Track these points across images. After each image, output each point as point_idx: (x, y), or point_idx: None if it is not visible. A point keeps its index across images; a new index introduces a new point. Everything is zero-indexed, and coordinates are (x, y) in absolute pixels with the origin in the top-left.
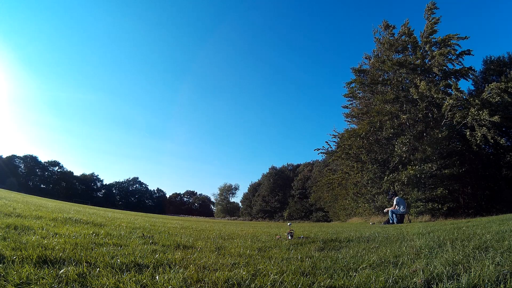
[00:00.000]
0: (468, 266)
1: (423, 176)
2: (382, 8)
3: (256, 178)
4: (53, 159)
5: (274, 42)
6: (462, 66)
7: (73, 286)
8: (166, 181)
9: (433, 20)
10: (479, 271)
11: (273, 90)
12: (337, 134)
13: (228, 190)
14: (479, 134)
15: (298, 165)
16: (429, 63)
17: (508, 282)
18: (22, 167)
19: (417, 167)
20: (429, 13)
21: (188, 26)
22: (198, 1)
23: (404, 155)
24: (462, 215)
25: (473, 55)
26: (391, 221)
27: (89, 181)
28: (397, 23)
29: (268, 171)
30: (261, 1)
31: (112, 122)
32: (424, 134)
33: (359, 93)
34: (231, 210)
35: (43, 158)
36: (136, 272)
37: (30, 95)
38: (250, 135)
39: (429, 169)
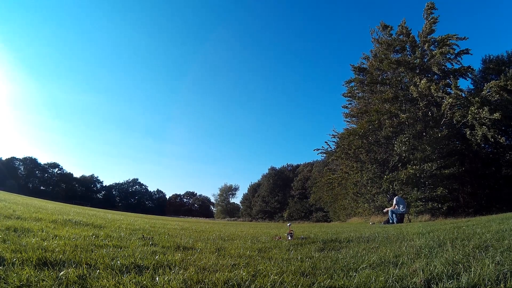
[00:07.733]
0: (468, 265)
1: (422, 175)
2: (379, 8)
3: (256, 178)
4: (53, 161)
5: (273, 43)
6: (461, 65)
7: None
8: (166, 182)
9: (431, 20)
10: (479, 271)
11: (272, 90)
12: (336, 134)
13: (228, 191)
14: (479, 133)
15: (298, 166)
16: (428, 62)
17: (508, 281)
18: (22, 169)
19: (416, 166)
20: (428, 12)
21: (187, 27)
22: (196, 2)
23: (404, 155)
24: (462, 214)
25: (471, 54)
26: (391, 221)
27: (89, 182)
28: (394, 23)
29: (267, 171)
30: (258, 3)
31: (111, 123)
32: (424, 133)
33: (358, 93)
34: (231, 211)
35: (43, 160)
36: (136, 273)
37: (29, 97)
38: (250, 136)
39: (429, 169)
